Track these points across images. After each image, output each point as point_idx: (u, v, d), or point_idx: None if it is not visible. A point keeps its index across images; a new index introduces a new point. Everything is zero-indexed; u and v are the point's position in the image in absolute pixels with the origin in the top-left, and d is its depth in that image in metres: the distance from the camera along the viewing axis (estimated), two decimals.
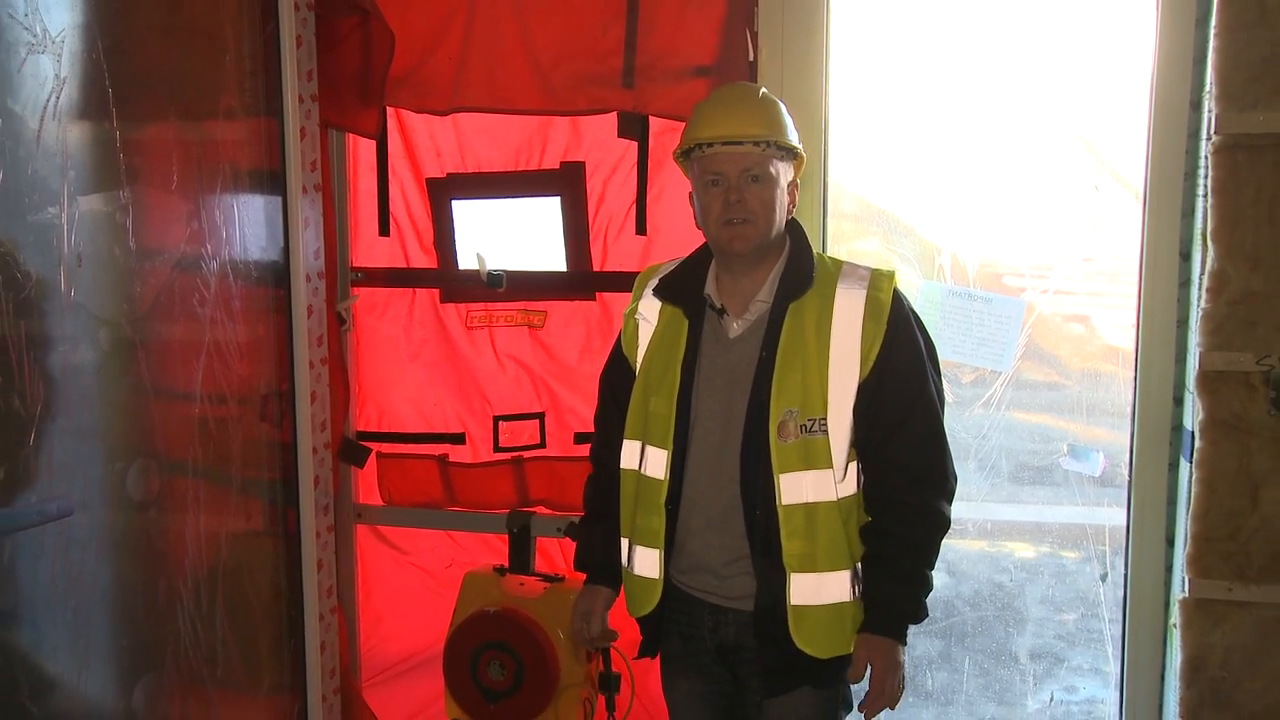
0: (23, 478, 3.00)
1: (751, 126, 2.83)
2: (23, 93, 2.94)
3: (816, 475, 2.78)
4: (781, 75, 3.51)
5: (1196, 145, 3.14)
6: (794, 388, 2.79)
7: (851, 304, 2.80)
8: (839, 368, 2.78)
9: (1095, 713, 3.92)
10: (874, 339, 2.77)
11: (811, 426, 2.78)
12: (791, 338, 2.82)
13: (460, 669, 3.81)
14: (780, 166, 2.85)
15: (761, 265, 2.89)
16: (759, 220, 2.82)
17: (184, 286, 3.51)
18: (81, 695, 3.26)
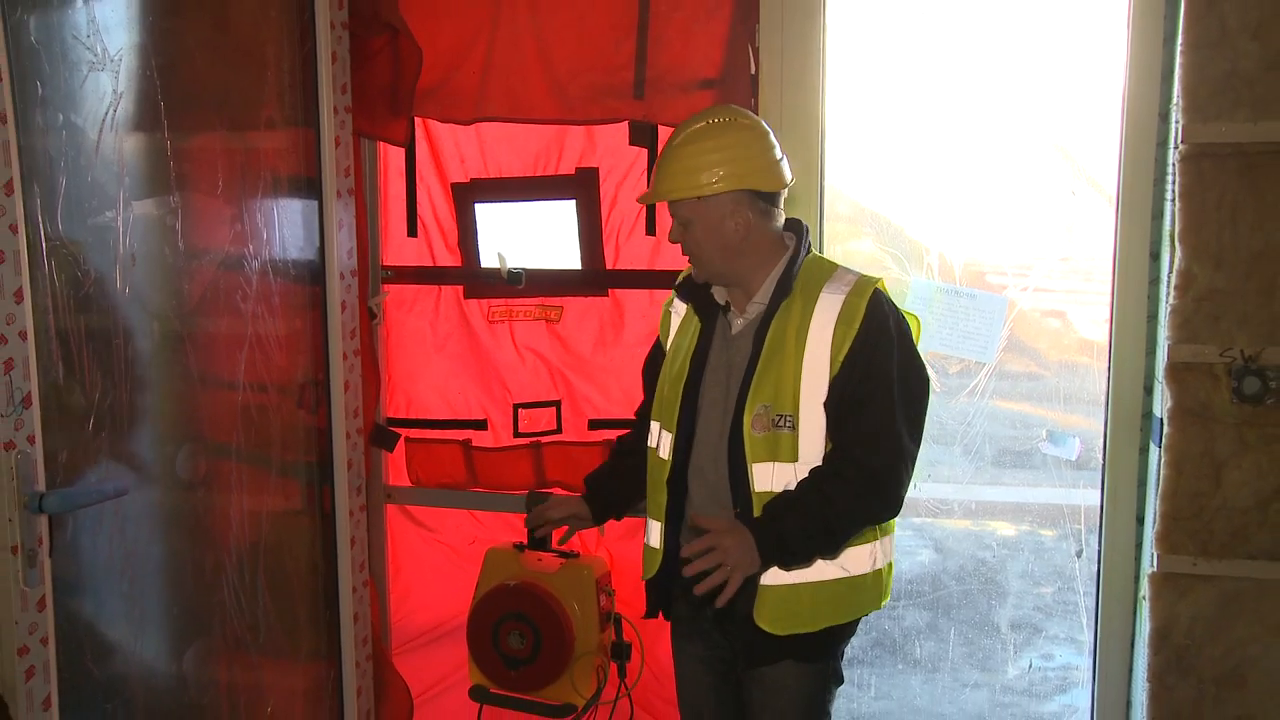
0: (83, 460, 3.08)
1: (667, 184, 2.92)
2: (84, 107, 3.02)
3: (781, 467, 2.85)
4: (781, 88, 3.54)
5: (1164, 154, 3.20)
6: (768, 384, 2.85)
7: (830, 308, 2.84)
8: (811, 368, 2.83)
9: (1070, 678, 3.93)
10: (844, 341, 2.80)
11: (780, 422, 2.83)
12: (774, 338, 2.88)
13: (482, 638, 3.86)
14: (715, 206, 2.87)
15: (759, 270, 2.95)
16: (700, 258, 2.94)
17: (228, 284, 3.57)
18: (138, 659, 3.34)
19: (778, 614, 2.86)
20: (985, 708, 3.95)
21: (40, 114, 2.91)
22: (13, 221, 2.73)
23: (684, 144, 2.92)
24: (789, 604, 2.87)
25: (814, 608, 2.89)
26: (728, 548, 2.75)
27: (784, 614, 2.86)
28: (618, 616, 3.89)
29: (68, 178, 3.00)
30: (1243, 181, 2.93)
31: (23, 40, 2.82)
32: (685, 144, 2.91)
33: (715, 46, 3.63)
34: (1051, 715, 3.96)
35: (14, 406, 2.77)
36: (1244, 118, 2.90)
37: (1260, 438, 2.97)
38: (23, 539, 2.80)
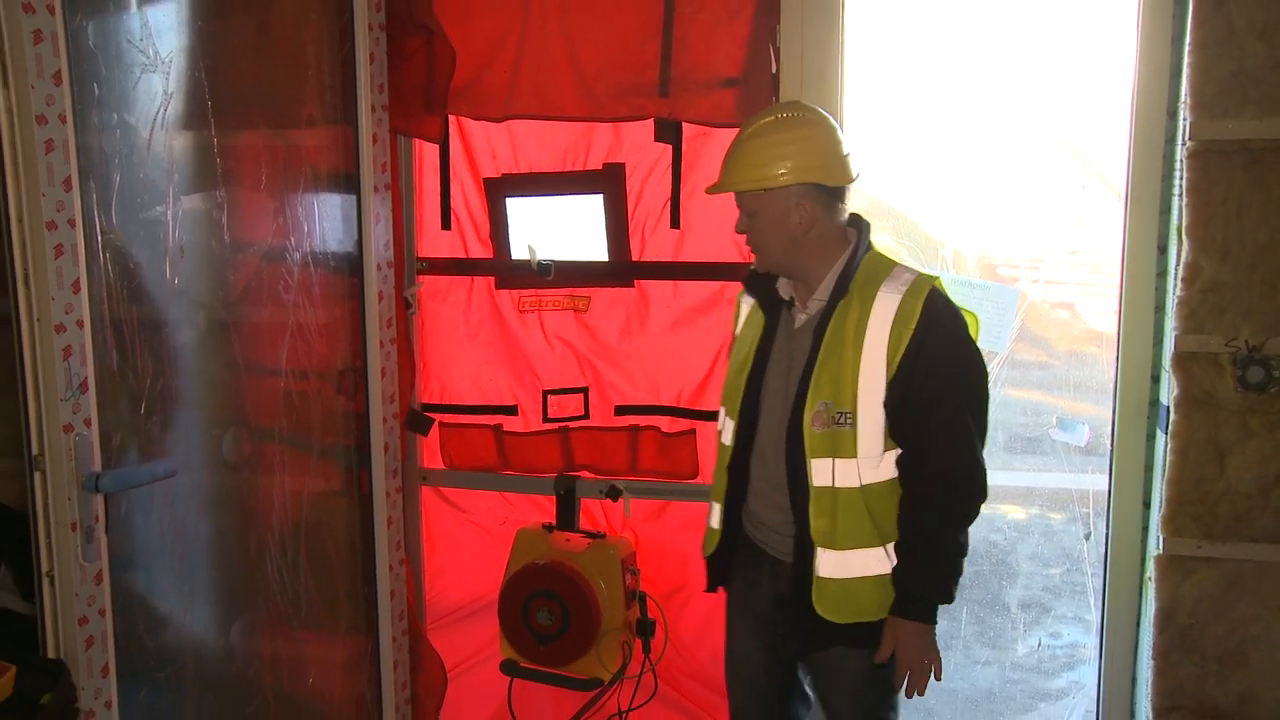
0: (135, 442, 3.13)
1: (735, 175, 2.90)
2: (137, 106, 3.07)
3: (841, 463, 2.82)
4: (801, 86, 3.52)
5: (1173, 150, 3.18)
6: (827, 382, 2.82)
7: (886, 307, 2.79)
8: (869, 366, 2.79)
9: (1077, 656, 3.93)
10: (900, 341, 2.75)
11: (840, 419, 2.80)
12: (833, 335, 2.84)
13: (513, 615, 3.89)
14: (775, 200, 2.86)
15: (821, 266, 2.91)
16: (764, 249, 2.93)
17: (271, 275, 3.60)
18: (188, 632, 3.40)
19: (838, 605, 2.86)
20: (995, 684, 3.95)
21: (97, 114, 2.95)
22: (71, 216, 2.78)
23: (752, 137, 2.90)
24: (848, 596, 2.86)
25: (877, 599, 2.87)
26: (913, 652, 2.81)
27: (843, 605, 2.86)
28: (642, 594, 3.92)
29: (121, 174, 3.05)
30: (1248, 177, 2.94)
31: (82, 45, 2.87)
32: (753, 137, 2.90)
33: (737, 46, 3.63)
34: (1059, 691, 3.95)
35: (72, 391, 2.81)
36: (1250, 115, 2.92)
37: (1263, 425, 2.99)
38: (81, 517, 2.85)
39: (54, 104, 2.72)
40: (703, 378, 3.91)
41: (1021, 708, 3.94)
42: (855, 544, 2.84)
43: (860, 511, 2.83)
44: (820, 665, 3.04)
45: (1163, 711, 3.14)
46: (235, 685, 3.59)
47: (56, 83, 2.72)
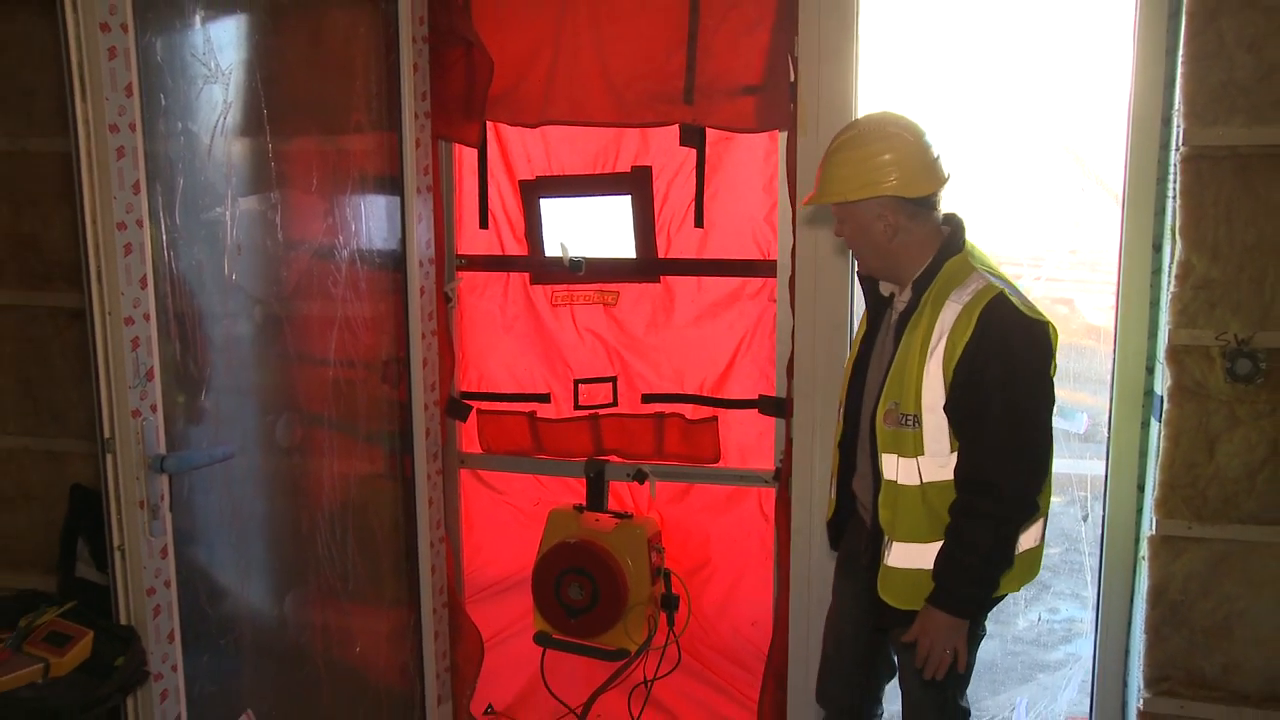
0: (196, 426, 3.22)
1: (821, 188, 2.90)
2: (199, 115, 3.15)
3: (904, 461, 2.83)
4: (818, 94, 3.53)
5: (1167, 155, 3.19)
6: (896, 385, 2.84)
7: (948, 318, 2.76)
8: (932, 373, 2.77)
9: (1074, 630, 3.95)
10: (954, 351, 2.73)
11: (905, 420, 2.81)
12: (906, 340, 2.85)
13: (546, 589, 3.96)
14: (864, 206, 2.84)
15: (912, 266, 2.89)
16: (857, 253, 2.97)
17: (320, 271, 3.65)
18: (245, 602, 3.48)
19: (897, 592, 2.89)
20: (998, 655, 3.98)
21: (163, 122, 3.03)
22: (139, 217, 2.85)
23: (835, 151, 2.90)
24: (907, 584, 2.87)
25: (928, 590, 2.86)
26: (935, 639, 2.81)
27: (901, 592, 2.88)
28: (667, 572, 3.98)
29: (184, 178, 3.12)
30: (1237, 181, 2.97)
31: (150, 59, 2.94)
32: (836, 151, 2.90)
33: (758, 56, 3.65)
34: (1057, 663, 3.96)
35: (139, 379, 2.89)
36: (1239, 123, 2.95)
37: (1250, 414, 3.03)
38: (147, 495, 2.93)
39: (125, 114, 2.80)
40: (724, 368, 3.94)
41: (1022, 678, 3.96)
42: (912, 538, 2.86)
43: (917, 508, 2.84)
44: (896, 638, 3.04)
45: (1153, 681, 3.18)
46: (289, 653, 3.66)
47: (128, 94, 2.80)
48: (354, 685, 3.93)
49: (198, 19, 3.16)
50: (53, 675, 2.72)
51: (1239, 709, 3.12)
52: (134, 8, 2.80)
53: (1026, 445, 2.77)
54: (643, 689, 4.08)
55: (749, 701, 4.01)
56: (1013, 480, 2.75)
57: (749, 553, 3.98)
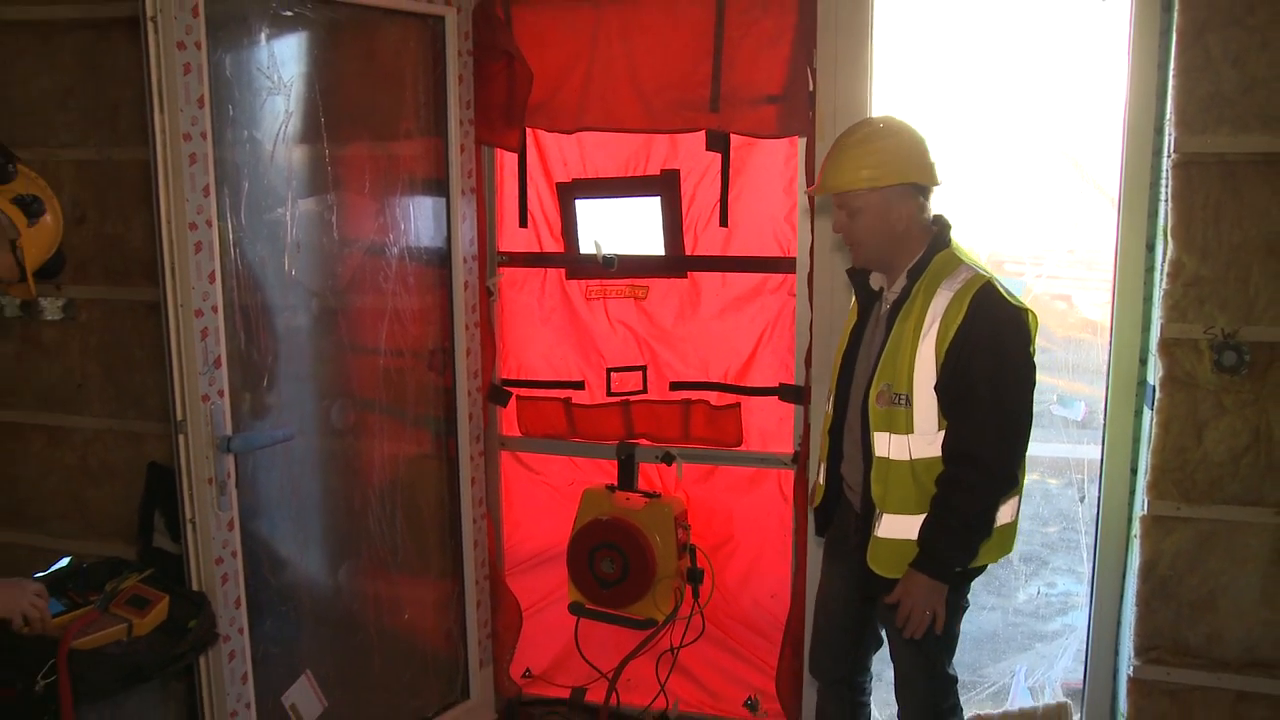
0: (259, 410, 3.35)
1: (831, 181, 2.93)
2: (263, 124, 3.27)
3: (895, 438, 2.88)
4: (835, 102, 3.57)
5: (1159, 161, 3.22)
6: (890, 367, 2.89)
7: (940, 304, 2.83)
8: (924, 354, 2.83)
9: (1070, 603, 3.97)
10: (947, 334, 2.79)
11: (897, 399, 2.86)
12: (899, 325, 2.90)
13: (580, 563, 4.03)
14: (879, 197, 2.89)
15: (901, 259, 2.95)
16: (863, 245, 2.96)
17: (372, 267, 3.74)
18: (303, 572, 3.61)
19: (885, 561, 2.93)
20: (999, 626, 4.02)
21: (231, 131, 3.15)
22: (209, 218, 2.99)
23: (858, 144, 2.93)
24: (894, 554, 2.92)
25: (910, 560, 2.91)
26: (916, 600, 2.86)
27: (889, 561, 2.92)
28: (692, 547, 4.03)
29: (249, 182, 3.25)
30: (1224, 185, 3.03)
31: (220, 73, 3.07)
32: (859, 144, 2.93)
33: (779, 67, 3.69)
34: (1054, 633, 4.00)
35: (208, 366, 3.02)
36: (1226, 132, 3.00)
37: (1235, 402, 3.09)
38: (216, 473, 3.07)
39: (197, 124, 2.93)
40: (747, 358, 3.99)
41: (1021, 647, 3.99)
42: (901, 509, 2.90)
43: (906, 481, 2.89)
44: (885, 611, 3.09)
45: (1143, 650, 3.24)
46: (343, 619, 3.77)
47: (200, 106, 2.93)
48: (402, 649, 4.01)
49: (263, 36, 3.27)
50: (135, 634, 2.86)
51: (1219, 674, 3.18)
52: (207, 27, 2.92)
53: (1009, 422, 2.84)
54: (669, 655, 4.14)
55: (767, 668, 4.07)
56: (996, 454, 2.82)
57: (769, 530, 4.02)
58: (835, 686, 3.39)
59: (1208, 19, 2.99)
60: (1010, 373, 2.83)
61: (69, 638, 2.72)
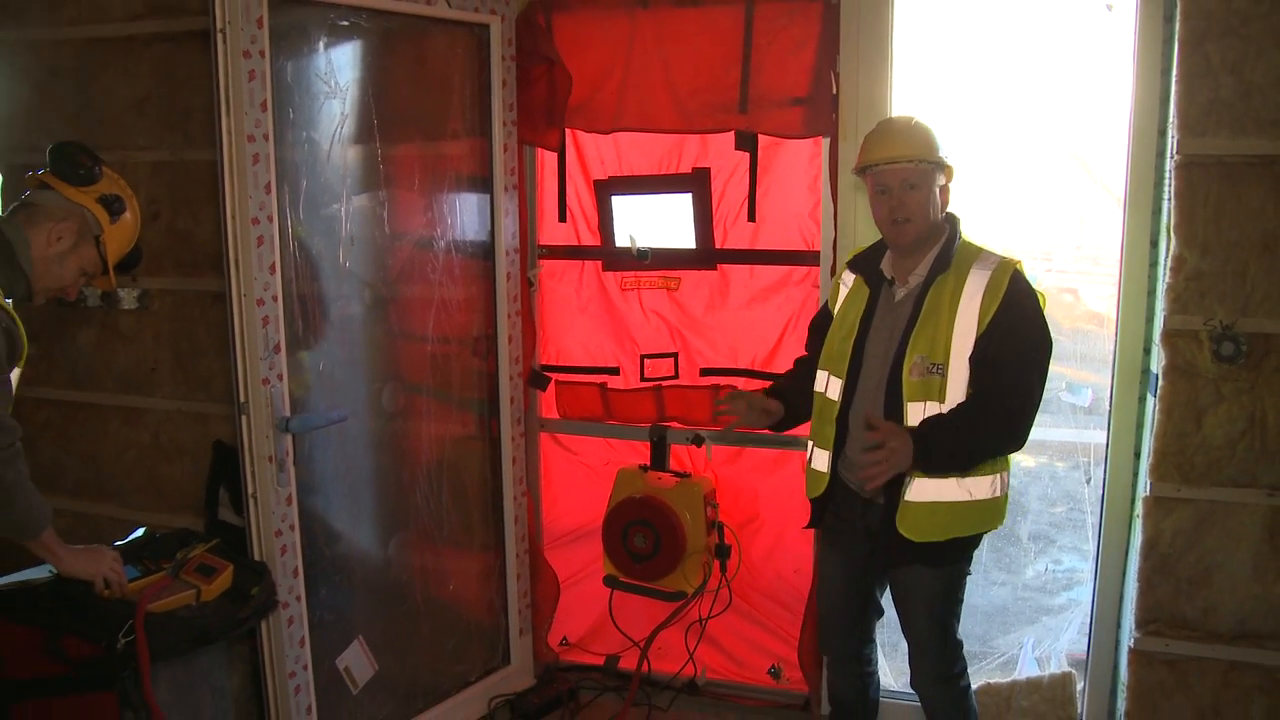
0: (316, 393, 3.44)
1: (905, 149, 2.98)
2: (320, 126, 3.37)
3: (931, 406, 2.94)
4: (857, 105, 3.62)
5: (1163, 163, 3.28)
6: (925, 339, 2.95)
7: (979, 281, 2.93)
8: (962, 327, 2.92)
9: (1075, 578, 3.99)
10: (990, 307, 2.89)
11: (932, 369, 2.93)
12: (932, 302, 2.97)
13: (614, 539, 4.07)
14: (931, 177, 2.99)
15: (922, 248, 3.04)
16: (916, 219, 3.00)
17: (421, 259, 3.82)
18: (356, 545, 3.71)
19: (917, 525, 2.99)
20: (1008, 600, 4.04)
21: (290, 132, 3.25)
22: (270, 213, 3.09)
23: (914, 126, 3.03)
24: (926, 518, 2.99)
25: (947, 522, 3.01)
26: (894, 448, 2.88)
27: (921, 525, 2.99)
28: (720, 524, 4.08)
29: (307, 180, 3.34)
30: (1224, 186, 3.06)
31: (282, 79, 3.17)
32: (915, 126, 3.03)
33: (804, 72, 3.74)
34: (1059, 607, 4.02)
35: (268, 351, 3.13)
36: (1225, 135, 3.03)
37: (1233, 390, 3.12)
38: (275, 451, 3.18)
39: (260, 125, 3.03)
40: (773, 345, 4.03)
41: (1029, 620, 4.02)
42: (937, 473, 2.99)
43: None
44: (901, 581, 3.18)
45: (1144, 623, 3.29)
46: (392, 589, 3.85)
47: (263, 109, 3.03)
48: (447, 618, 4.09)
49: (321, 45, 3.36)
50: (203, 600, 2.97)
51: (1214, 645, 3.22)
52: (270, 37, 3.03)
53: (1038, 388, 2.94)
54: (698, 626, 4.19)
55: (790, 638, 4.13)
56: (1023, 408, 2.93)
57: (793, 508, 3.98)
58: (844, 660, 3.47)
59: (1207, 29, 3.02)
60: (1044, 342, 2.95)
61: (145, 601, 2.84)
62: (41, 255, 2.65)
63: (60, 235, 2.66)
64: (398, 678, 3.85)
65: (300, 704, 3.35)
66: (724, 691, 4.26)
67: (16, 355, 2.58)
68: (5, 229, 2.61)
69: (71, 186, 2.68)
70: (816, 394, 3.27)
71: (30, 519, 2.63)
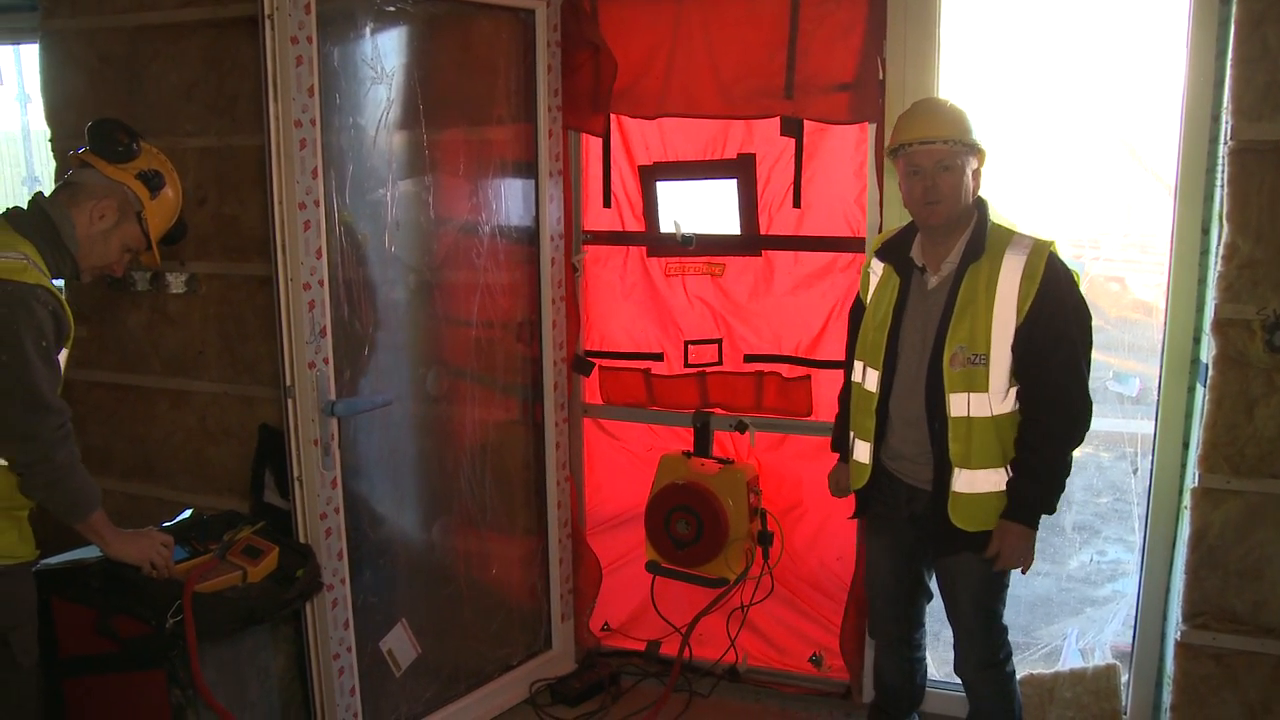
0: (361, 377, 3.45)
1: (940, 130, 2.99)
2: (366, 111, 3.38)
3: (975, 396, 2.96)
4: (903, 91, 3.57)
5: (1216, 148, 3.21)
6: (964, 329, 2.96)
7: (1015, 266, 2.93)
8: (1001, 314, 2.92)
9: (1119, 570, 3.96)
10: (1028, 293, 2.90)
11: (974, 360, 2.95)
12: (967, 291, 2.98)
13: (657, 524, 4.06)
14: (965, 159, 2.99)
15: (953, 234, 3.05)
16: (948, 200, 2.99)
17: (465, 244, 3.84)
18: (399, 528, 3.73)
19: (968, 515, 3.03)
20: (1052, 591, 4.01)
21: (337, 118, 3.27)
22: (317, 198, 3.11)
23: (951, 108, 3.05)
24: (977, 508, 3.02)
25: (996, 510, 3.02)
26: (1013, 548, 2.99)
27: (972, 515, 3.03)
28: (763, 511, 4.08)
29: (353, 165, 3.36)
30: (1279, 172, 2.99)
31: (329, 65, 3.18)
32: (952, 109, 3.05)
33: (850, 57, 3.72)
34: (1104, 599, 3.99)
35: (314, 336, 3.15)
36: None
37: None
38: (320, 435, 3.20)
39: (307, 111, 3.05)
40: (818, 332, 4.01)
41: (1073, 611, 3.99)
42: (985, 464, 3.00)
43: (990, 437, 2.99)
44: (948, 568, 3.20)
45: (1191, 616, 3.25)
46: (435, 572, 3.89)
47: (310, 95, 3.05)
48: (490, 602, 4.12)
49: (368, 30, 3.38)
50: (249, 581, 3.01)
51: (1264, 640, 3.18)
52: (317, 22, 3.04)
53: (1087, 372, 2.96)
54: (739, 613, 4.20)
55: (832, 626, 4.12)
56: (1082, 400, 2.94)
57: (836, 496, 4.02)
58: (894, 645, 3.49)
59: (1265, 10, 2.96)
60: (1085, 323, 2.97)
61: (193, 582, 2.89)
62: (86, 234, 2.68)
63: (103, 213, 2.69)
64: (440, 661, 3.88)
65: (344, 685, 3.38)
66: (765, 679, 4.26)
67: (64, 336, 2.62)
68: (50, 210, 2.65)
69: (110, 164, 2.71)
70: (854, 385, 3.29)
71: (80, 500, 2.67)
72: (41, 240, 2.62)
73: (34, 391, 2.51)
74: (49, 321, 2.53)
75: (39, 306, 2.51)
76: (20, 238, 2.59)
